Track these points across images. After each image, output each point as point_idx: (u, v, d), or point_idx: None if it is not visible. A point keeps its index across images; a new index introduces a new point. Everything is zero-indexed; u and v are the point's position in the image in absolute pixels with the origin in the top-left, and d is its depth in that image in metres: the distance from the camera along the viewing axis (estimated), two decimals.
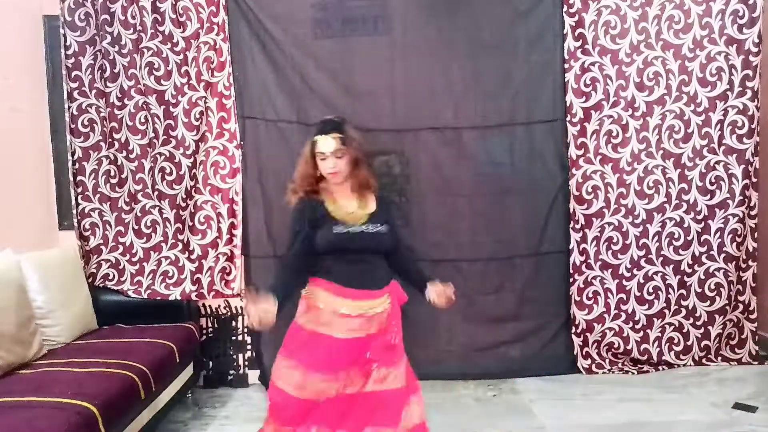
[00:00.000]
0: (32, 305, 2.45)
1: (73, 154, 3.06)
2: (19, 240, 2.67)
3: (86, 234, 3.09)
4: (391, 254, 1.95)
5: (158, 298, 3.05)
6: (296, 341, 1.89)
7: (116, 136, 3.05)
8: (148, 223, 3.08)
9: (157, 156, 3.04)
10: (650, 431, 2.51)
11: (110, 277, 3.09)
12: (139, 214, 3.07)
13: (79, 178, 3.08)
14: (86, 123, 3.06)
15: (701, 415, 2.62)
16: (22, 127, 2.93)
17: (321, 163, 1.90)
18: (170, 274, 3.08)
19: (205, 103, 3.02)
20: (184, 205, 3.06)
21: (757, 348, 3.22)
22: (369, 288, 1.87)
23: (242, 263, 3.13)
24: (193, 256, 3.07)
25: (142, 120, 3.03)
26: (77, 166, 3.07)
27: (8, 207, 2.77)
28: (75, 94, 3.03)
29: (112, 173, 3.08)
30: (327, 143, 1.87)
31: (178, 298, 3.05)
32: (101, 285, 3.07)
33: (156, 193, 3.05)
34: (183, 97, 3.01)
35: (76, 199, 3.08)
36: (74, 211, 3.08)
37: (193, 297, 3.07)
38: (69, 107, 3.03)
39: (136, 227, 3.08)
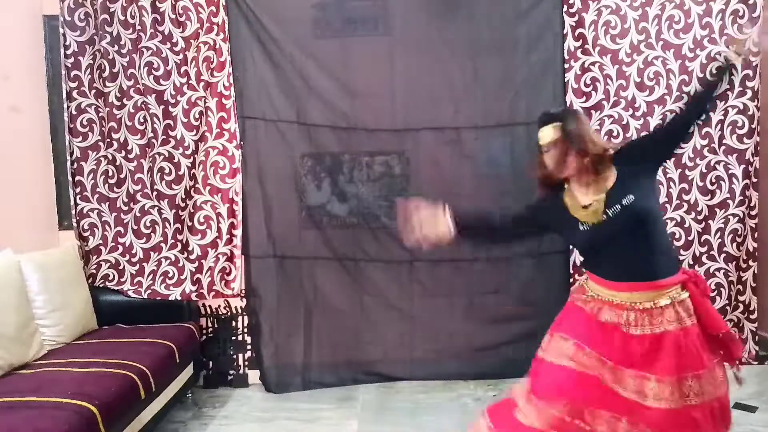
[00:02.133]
0: (32, 305, 2.45)
1: (71, 154, 3.05)
2: (19, 240, 2.67)
3: (85, 234, 3.08)
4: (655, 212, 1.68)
5: (158, 298, 3.04)
6: (564, 314, 1.79)
7: (115, 136, 3.04)
8: (148, 224, 3.07)
9: (156, 156, 3.03)
10: None
11: (110, 278, 3.08)
12: (138, 215, 3.06)
13: (77, 178, 3.07)
14: (85, 123, 3.05)
15: None
16: (22, 127, 2.93)
17: (545, 157, 1.74)
18: (170, 275, 3.07)
19: (205, 103, 3.01)
20: (183, 205, 3.05)
21: (757, 348, 3.22)
22: (636, 280, 1.62)
23: (242, 263, 3.12)
24: (193, 257, 3.06)
25: (141, 120, 3.02)
26: (75, 166, 3.06)
27: (8, 207, 2.77)
28: (74, 93, 3.02)
29: (111, 173, 3.07)
30: (543, 134, 1.72)
31: (178, 298, 3.05)
32: (101, 285, 3.07)
33: (155, 193, 3.04)
34: (182, 96, 3.00)
35: (75, 200, 3.07)
36: (73, 212, 3.07)
37: (193, 297, 3.07)
38: (68, 107, 3.03)
39: (135, 227, 3.07)
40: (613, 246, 1.65)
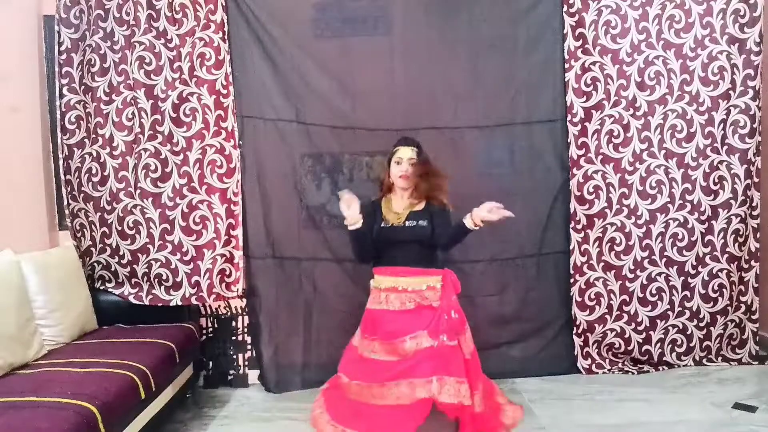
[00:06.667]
0: (32, 305, 2.45)
1: (62, 151, 3.00)
2: (19, 240, 2.67)
3: (78, 235, 3.04)
4: (432, 243, 2.44)
5: (160, 304, 2.98)
6: (368, 321, 2.42)
7: (101, 132, 2.96)
8: (131, 224, 2.98)
9: (142, 152, 2.95)
10: (650, 431, 2.51)
11: (107, 279, 3.05)
12: (121, 215, 2.98)
13: (67, 176, 3.01)
14: (73, 120, 2.98)
15: (701, 415, 2.62)
16: (21, 126, 2.93)
17: (395, 167, 2.43)
18: (165, 278, 2.99)
19: (201, 100, 2.96)
20: (171, 204, 2.98)
21: (757, 348, 3.22)
22: (408, 266, 2.36)
23: (244, 264, 3.09)
24: (187, 258, 2.99)
25: (129, 116, 2.94)
26: (65, 164, 3.00)
27: (8, 207, 2.77)
28: (64, 90, 2.96)
29: (94, 171, 2.98)
30: (406, 151, 2.43)
31: (179, 303, 2.98)
32: (101, 288, 3.03)
33: (138, 191, 2.97)
34: (173, 91, 2.93)
35: (67, 199, 3.02)
36: (66, 212, 3.04)
37: (194, 301, 3.01)
38: (59, 104, 2.97)
39: (119, 228, 2.99)
40: (400, 244, 2.40)
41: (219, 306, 3.18)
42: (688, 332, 3.19)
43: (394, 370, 2.22)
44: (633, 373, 3.17)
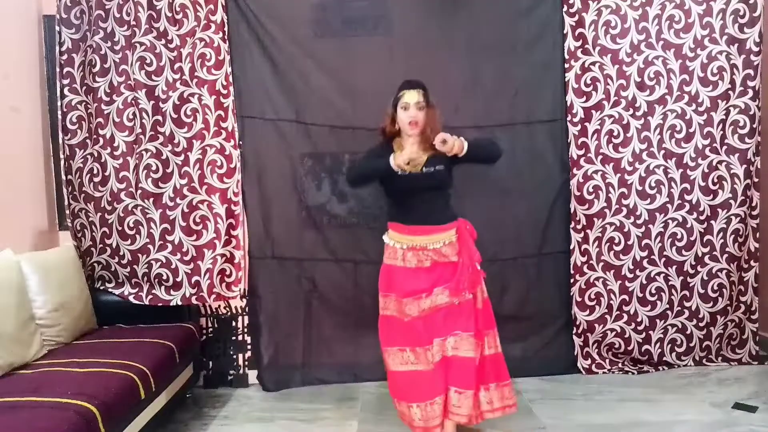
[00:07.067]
0: (32, 305, 2.45)
1: (63, 152, 3.00)
2: (19, 240, 2.67)
3: (78, 235, 3.04)
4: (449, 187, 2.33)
5: (160, 304, 2.99)
6: (384, 277, 2.33)
7: (101, 132, 2.96)
8: (131, 224, 2.98)
9: (143, 153, 2.96)
10: (650, 431, 2.51)
11: (107, 279, 3.05)
12: (121, 215, 2.97)
13: (68, 177, 3.02)
14: (74, 120, 2.99)
15: (701, 415, 2.62)
16: (21, 126, 2.93)
17: (402, 113, 2.24)
18: (165, 278, 2.99)
19: (201, 101, 2.95)
20: (172, 204, 2.98)
21: (757, 348, 3.22)
22: (424, 221, 2.24)
23: (246, 264, 3.09)
24: (187, 258, 2.99)
25: (130, 116, 2.95)
26: (66, 164, 3.01)
27: (8, 207, 2.77)
28: (65, 90, 2.97)
29: (96, 171, 2.99)
30: (412, 95, 2.23)
31: (179, 303, 2.98)
32: (101, 288, 3.04)
33: (139, 192, 2.97)
34: (174, 92, 2.93)
35: (68, 199, 3.02)
36: (66, 212, 3.04)
37: (194, 301, 3.01)
38: (60, 105, 2.98)
39: (119, 228, 2.99)
40: (418, 192, 2.24)
41: (219, 306, 3.18)
42: (688, 332, 3.19)
43: (419, 329, 2.23)
44: (633, 373, 3.17)
